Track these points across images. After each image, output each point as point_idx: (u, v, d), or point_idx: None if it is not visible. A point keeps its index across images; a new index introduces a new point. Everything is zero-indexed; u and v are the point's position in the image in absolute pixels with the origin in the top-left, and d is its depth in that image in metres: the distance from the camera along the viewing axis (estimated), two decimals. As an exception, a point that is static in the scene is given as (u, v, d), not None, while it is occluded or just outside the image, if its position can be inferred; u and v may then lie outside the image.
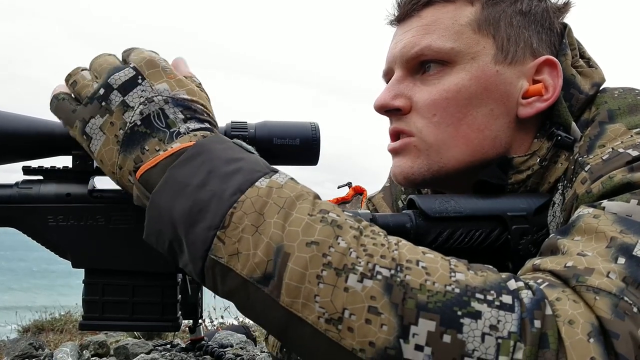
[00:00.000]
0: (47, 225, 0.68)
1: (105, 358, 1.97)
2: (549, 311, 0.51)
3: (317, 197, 0.58)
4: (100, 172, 0.72)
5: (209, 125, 0.64)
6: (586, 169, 0.71)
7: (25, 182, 0.70)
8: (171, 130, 0.61)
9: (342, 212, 0.57)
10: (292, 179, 0.59)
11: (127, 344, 1.99)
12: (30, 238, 0.70)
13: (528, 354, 0.48)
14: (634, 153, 0.67)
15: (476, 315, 0.50)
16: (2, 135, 0.67)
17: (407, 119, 0.85)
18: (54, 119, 0.70)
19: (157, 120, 0.62)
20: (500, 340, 0.49)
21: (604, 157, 0.70)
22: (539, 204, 0.78)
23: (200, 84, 0.69)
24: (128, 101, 0.62)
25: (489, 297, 0.51)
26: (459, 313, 0.50)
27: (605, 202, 0.63)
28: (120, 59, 0.68)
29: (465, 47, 0.82)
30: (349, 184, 4.96)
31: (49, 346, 2.52)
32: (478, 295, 0.51)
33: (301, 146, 0.73)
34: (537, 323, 0.50)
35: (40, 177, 0.70)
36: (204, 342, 1.89)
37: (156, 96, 0.63)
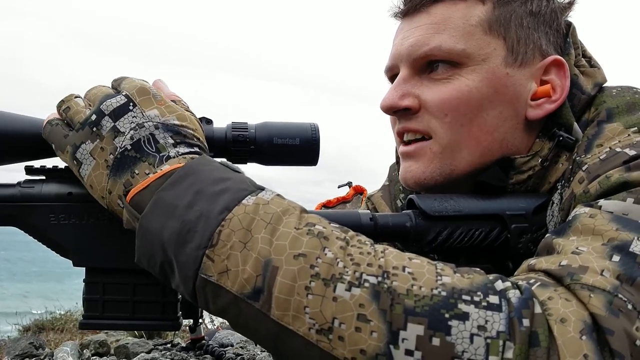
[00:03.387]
0: (48, 223, 0.69)
1: (105, 357, 1.97)
2: (538, 309, 0.51)
3: (303, 210, 0.59)
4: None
5: (197, 150, 0.65)
6: (584, 168, 0.71)
7: (27, 181, 0.70)
8: (161, 154, 0.62)
9: (328, 224, 0.58)
10: (278, 195, 0.60)
11: (127, 343, 1.99)
12: (31, 237, 0.70)
13: (518, 353, 0.49)
14: (631, 152, 0.67)
15: (464, 317, 0.50)
16: (5, 136, 0.67)
17: (418, 117, 0.83)
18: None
19: (147, 145, 0.62)
20: (489, 341, 0.49)
21: (601, 157, 0.70)
22: (538, 203, 0.78)
23: (188, 107, 0.70)
24: (119, 127, 0.63)
25: (476, 298, 0.51)
26: (447, 315, 0.50)
27: (601, 201, 0.63)
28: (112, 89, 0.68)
29: (476, 48, 0.80)
30: (349, 184, 4.97)
31: (50, 345, 2.53)
32: (465, 297, 0.51)
33: (301, 146, 0.73)
34: (526, 322, 0.50)
35: (43, 177, 0.71)
36: (204, 341, 1.89)
37: (147, 122, 0.63)
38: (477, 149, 0.81)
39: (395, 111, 0.85)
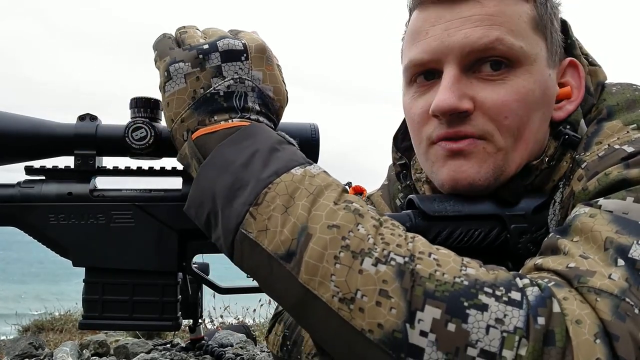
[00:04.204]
0: (48, 223, 0.69)
1: (105, 357, 1.97)
2: (556, 309, 0.51)
3: (345, 190, 0.61)
4: (101, 173, 0.72)
5: (271, 124, 0.68)
6: (582, 166, 0.71)
7: (27, 181, 0.70)
8: (243, 113, 0.66)
9: (365, 205, 0.60)
10: (324, 171, 0.62)
11: (127, 343, 1.99)
12: (31, 237, 0.70)
13: (531, 351, 0.49)
14: (630, 149, 0.67)
15: (482, 308, 0.51)
16: (4, 136, 0.68)
17: (472, 120, 0.77)
18: (53, 119, 0.71)
19: (237, 100, 0.66)
20: (505, 334, 0.50)
21: (599, 154, 0.70)
22: (537, 203, 0.78)
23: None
24: (223, 69, 0.66)
25: (498, 293, 0.52)
26: (465, 304, 0.51)
27: (601, 200, 0.63)
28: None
29: (529, 47, 0.77)
30: (349, 184, 4.96)
31: (49, 345, 2.52)
32: (487, 290, 0.52)
33: (300, 146, 0.73)
34: (541, 320, 0.50)
35: (42, 177, 0.71)
36: (204, 341, 1.89)
37: (248, 80, 0.67)
38: (525, 152, 0.78)
39: (452, 114, 0.76)
